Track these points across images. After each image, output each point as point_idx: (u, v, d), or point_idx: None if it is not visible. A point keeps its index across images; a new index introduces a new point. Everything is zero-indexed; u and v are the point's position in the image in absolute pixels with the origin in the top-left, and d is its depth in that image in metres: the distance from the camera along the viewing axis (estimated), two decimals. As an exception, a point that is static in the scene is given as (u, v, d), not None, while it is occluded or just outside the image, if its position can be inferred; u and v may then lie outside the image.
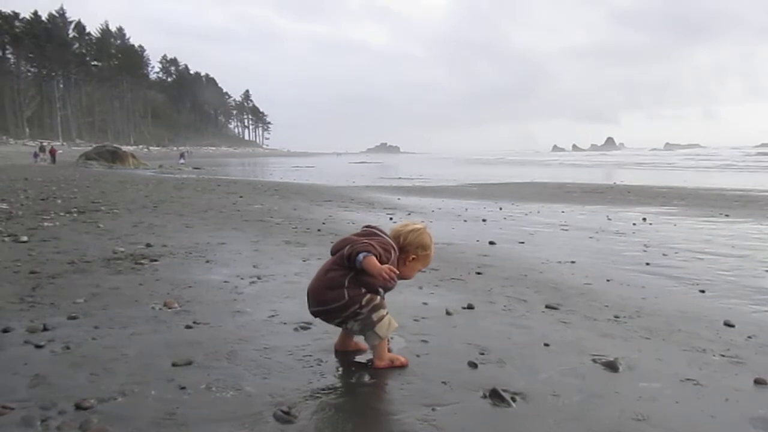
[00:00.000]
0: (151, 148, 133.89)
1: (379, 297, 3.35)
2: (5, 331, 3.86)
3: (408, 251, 3.50)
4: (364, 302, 3.30)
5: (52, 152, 53.92)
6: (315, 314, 3.45)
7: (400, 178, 38.41)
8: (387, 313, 3.35)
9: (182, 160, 60.83)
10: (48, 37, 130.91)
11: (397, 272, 3.24)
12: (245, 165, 72.66)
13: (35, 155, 53.71)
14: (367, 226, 3.61)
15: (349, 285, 3.28)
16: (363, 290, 3.31)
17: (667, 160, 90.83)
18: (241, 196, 17.07)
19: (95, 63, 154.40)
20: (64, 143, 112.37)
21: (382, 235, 3.49)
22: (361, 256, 3.20)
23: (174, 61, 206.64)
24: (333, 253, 3.47)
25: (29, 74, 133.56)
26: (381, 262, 3.24)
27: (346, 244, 3.37)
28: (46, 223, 9.50)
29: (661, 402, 3.05)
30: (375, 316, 3.30)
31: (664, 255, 8.30)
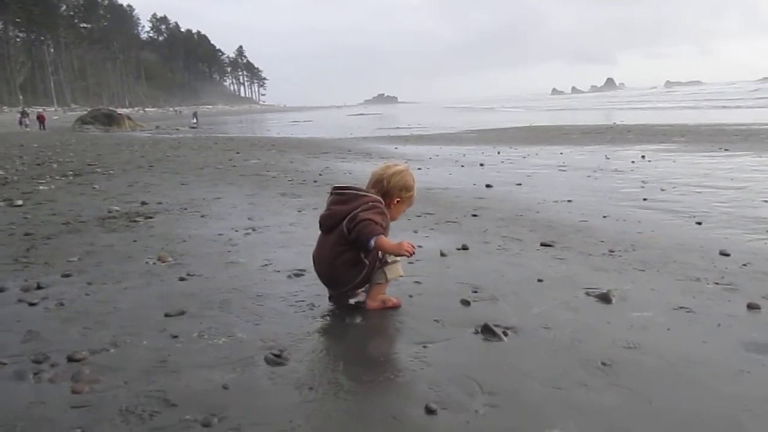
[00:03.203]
0: (147, 109, 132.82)
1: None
2: (-1, 290, 3.86)
3: (392, 194, 3.42)
4: (381, 255, 3.36)
5: (41, 118, 50.87)
6: (342, 292, 3.47)
7: (398, 128, 38.07)
8: (399, 259, 3.40)
9: (194, 120, 59.58)
10: (34, 0, 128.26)
11: (415, 246, 3.23)
12: (242, 122, 72.09)
13: (20, 121, 51.71)
14: (338, 189, 3.45)
15: (364, 255, 3.30)
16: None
17: (668, 97, 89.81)
18: (237, 153, 16.95)
19: (84, 25, 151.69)
20: (59, 108, 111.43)
21: (363, 193, 3.37)
22: (372, 241, 3.17)
23: (164, 20, 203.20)
24: (325, 229, 3.41)
25: (18, 40, 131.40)
26: (384, 229, 3.24)
27: (338, 220, 3.30)
28: (41, 187, 9.46)
29: (652, 330, 3.06)
30: (390, 259, 3.38)
31: (662, 190, 8.25)
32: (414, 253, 3.23)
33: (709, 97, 77.02)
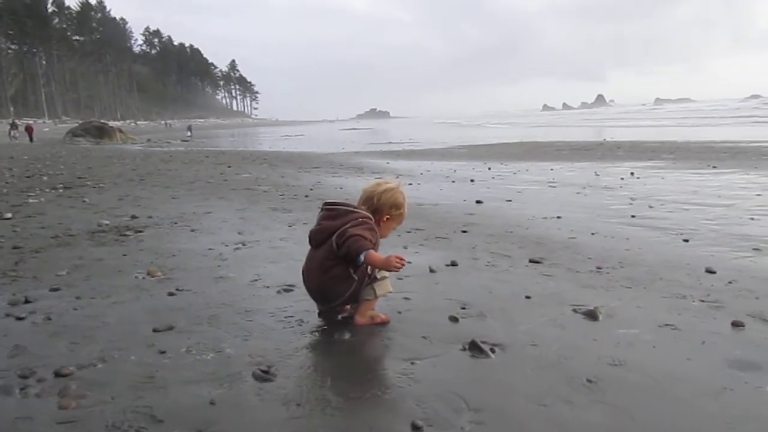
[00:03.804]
0: (138, 122, 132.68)
1: None
2: (-14, 305, 3.85)
3: (382, 211, 3.45)
4: (370, 270, 3.37)
5: (29, 130, 50.21)
6: (330, 308, 3.50)
7: (389, 142, 38.24)
8: (388, 275, 3.42)
9: (189, 133, 59.64)
10: (27, 13, 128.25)
11: (404, 259, 3.23)
12: (234, 136, 72.12)
13: (9, 133, 51.20)
14: (329, 205, 3.48)
15: (353, 270, 3.31)
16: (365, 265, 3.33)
17: (657, 114, 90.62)
18: (229, 166, 16.97)
19: (77, 38, 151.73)
20: (50, 120, 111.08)
21: (353, 209, 3.40)
22: (361, 257, 3.19)
23: (157, 33, 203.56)
24: (315, 245, 3.43)
25: (10, 52, 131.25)
26: (373, 245, 3.26)
27: (327, 235, 3.33)
28: (31, 200, 9.44)
29: (638, 347, 3.08)
30: (379, 275, 3.40)
31: (650, 207, 8.32)
32: (403, 266, 3.23)
33: (698, 114, 77.75)
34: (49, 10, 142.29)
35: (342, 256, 3.26)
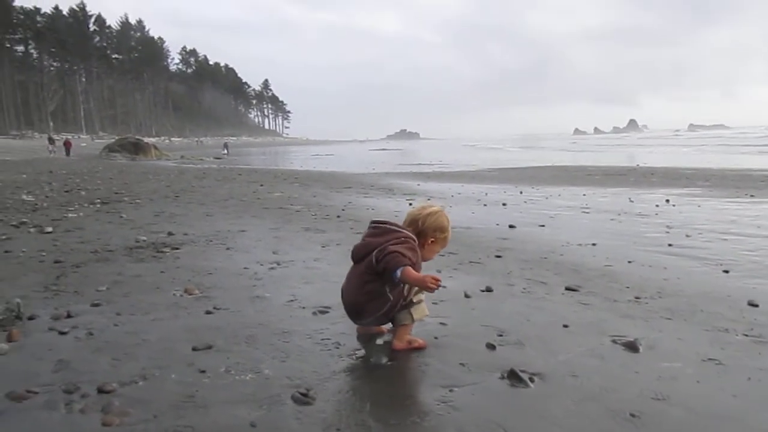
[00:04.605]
0: (172, 139, 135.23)
1: None
2: (30, 318, 3.93)
3: (426, 234, 3.49)
4: (406, 292, 3.39)
5: (67, 144, 51.82)
6: (365, 324, 3.53)
7: (419, 164, 38.29)
8: (423, 298, 3.47)
9: (225, 151, 60.46)
10: (69, 31, 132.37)
11: (439, 279, 3.21)
12: (266, 154, 72.98)
13: (47, 147, 52.73)
14: (375, 223, 3.55)
15: (389, 288, 3.33)
16: (401, 285, 3.33)
17: (691, 140, 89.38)
18: (261, 185, 17.16)
19: (116, 56, 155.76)
20: (87, 136, 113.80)
21: (397, 229, 3.45)
22: (398, 272, 3.19)
23: (193, 52, 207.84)
24: (356, 260, 3.48)
25: (52, 69, 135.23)
26: (412, 264, 3.25)
27: (368, 251, 3.38)
28: (70, 214, 9.65)
29: (681, 381, 3.02)
30: (416, 299, 3.43)
31: (687, 236, 8.18)
32: (438, 287, 3.19)
33: (733, 141, 76.46)
34: (91, 29, 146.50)
35: (380, 272, 3.28)
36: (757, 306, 4.54)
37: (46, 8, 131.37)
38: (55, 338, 3.57)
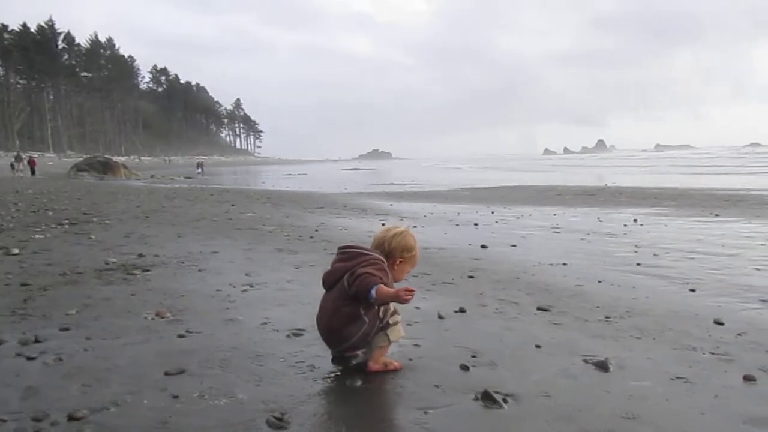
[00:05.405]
0: (142, 158, 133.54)
1: (392, 305, 3.41)
2: (-3, 343, 3.85)
3: (394, 255, 3.50)
4: (382, 314, 3.38)
5: (32, 163, 50.33)
6: (341, 351, 3.45)
7: (392, 183, 38.46)
8: (399, 319, 3.47)
9: (199, 170, 59.22)
10: (37, 48, 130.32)
11: (413, 290, 3.23)
12: (237, 173, 72.60)
13: (12, 166, 51.23)
14: (343, 248, 3.56)
15: (364, 311, 3.33)
16: (376, 307, 3.34)
17: (658, 161, 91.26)
18: (233, 205, 17.06)
19: (85, 74, 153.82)
20: (55, 154, 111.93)
21: (366, 252, 3.46)
22: (372, 291, 3.19)
23: (164, 71, 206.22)
24: (328, 287, 3.48)
25: (18, 86, 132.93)
26: (384, 283, 3.27)
27: (339, 276, 3.38)
28: (37, 236, 9.47)
29: (651, 400, 3.08)
30: (392, 320, 3.43)
31: (654, 255, 8.35)
32: (413, 297, 3.19)
33: (699, 161, 78.31)
34: (59, 47, 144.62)
35: (353, 295, 3.29)
36: (722, 324, 4.65)
37: (14, 25, 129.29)
38: (23, 364, 3.50)
